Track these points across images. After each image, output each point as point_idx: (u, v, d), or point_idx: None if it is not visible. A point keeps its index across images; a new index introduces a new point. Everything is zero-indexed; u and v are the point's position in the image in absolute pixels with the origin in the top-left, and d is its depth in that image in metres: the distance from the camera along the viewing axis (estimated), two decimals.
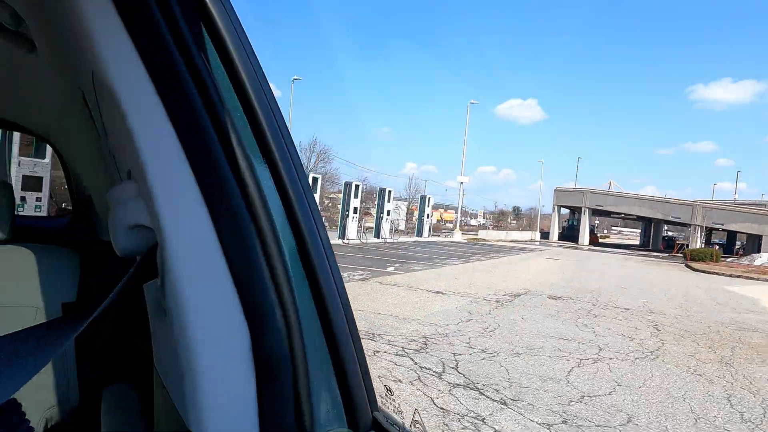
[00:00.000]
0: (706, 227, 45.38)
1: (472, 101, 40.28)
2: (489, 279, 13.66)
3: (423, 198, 33.12)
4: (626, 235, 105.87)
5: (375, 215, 26.81)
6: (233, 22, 0.66)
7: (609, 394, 4.81)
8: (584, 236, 50.65)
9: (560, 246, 42.25)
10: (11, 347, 0.64)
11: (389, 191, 26.40)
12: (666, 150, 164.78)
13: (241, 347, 0.60)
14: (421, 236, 31.77)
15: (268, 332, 0.61)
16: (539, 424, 3.92)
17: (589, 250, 40.09)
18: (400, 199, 53.68)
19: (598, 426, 4.00)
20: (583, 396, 4.69)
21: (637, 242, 66.56)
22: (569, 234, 55.59)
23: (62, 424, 1.55)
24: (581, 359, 6.00)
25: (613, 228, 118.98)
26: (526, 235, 53.24)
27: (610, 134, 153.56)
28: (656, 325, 8.73)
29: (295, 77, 36.07)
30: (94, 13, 0.61)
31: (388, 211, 26.25)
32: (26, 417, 0.65)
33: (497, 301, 9.87)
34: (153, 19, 0.62)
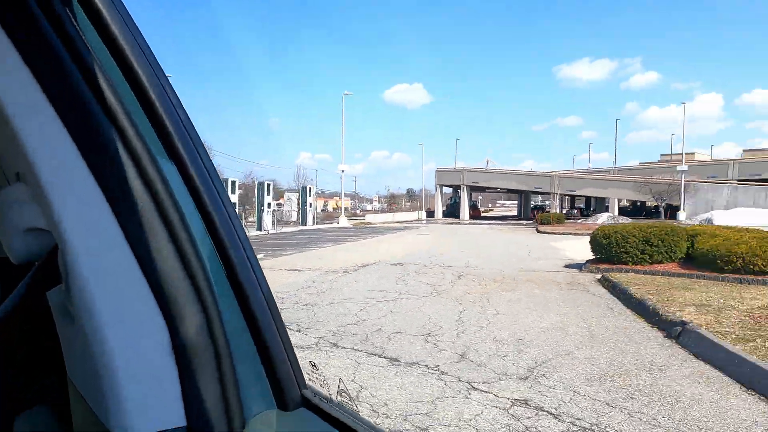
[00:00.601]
0: (561, 194, 52.01)
1: (346, 92, 42.56)
2: (350, 256, 15.77)
3: (304, 188, 35.00)
4: (508, 207, 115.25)
5: (256, 208, 28.13)
6: (120, 11, 0.63)
7: (379, 318, 6.97)
8: (464, 212, 55.39)
9: (443, 223, 46.15)
10: None
11: (268, 184, 27.92)
12: (540, 126, 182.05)
13: (159, 343, 0.60)
14: (305, 225, 33.56)
15: (187, 324, 0.61)
16: (314, 337, 5.92)
17: (469, 224, 44.24)
18: (291, 190, 54.73)
19: (354, 334, 6.08)
20: (359, 321, 6.79)
21: (515, 213, 73.50)
22: (452, 211, 60.31)
23: None
24: (378, 301, 8.17)
25: (497, 202, 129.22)
26: (413, 216, 57.00)
27: (490, 113, 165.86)
28: (461, 275, 11.29)
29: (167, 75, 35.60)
30: None
31: (269, 204, 27.69)
32: None
33: (344, 271, 11.93)
34: (31, 15, 0.59)
